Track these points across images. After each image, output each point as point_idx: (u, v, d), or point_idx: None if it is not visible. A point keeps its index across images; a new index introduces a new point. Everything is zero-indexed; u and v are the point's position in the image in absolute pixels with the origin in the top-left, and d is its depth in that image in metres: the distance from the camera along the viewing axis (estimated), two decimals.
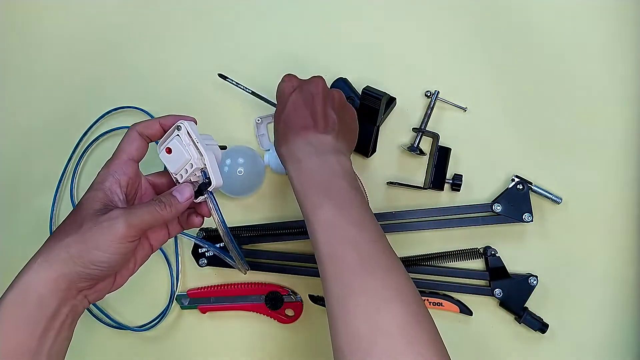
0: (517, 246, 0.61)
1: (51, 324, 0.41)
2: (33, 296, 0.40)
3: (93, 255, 0.41)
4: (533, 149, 0.61)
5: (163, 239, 0.50)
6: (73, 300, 0.43)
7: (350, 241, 0.43)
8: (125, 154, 0.47)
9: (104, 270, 0.42)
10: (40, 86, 0.67)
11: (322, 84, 0.52)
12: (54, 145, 0.66)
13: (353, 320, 0.39)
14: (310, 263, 0.61)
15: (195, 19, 0.65)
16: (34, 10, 0.67)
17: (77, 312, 0.44)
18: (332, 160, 0.48)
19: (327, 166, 0.47)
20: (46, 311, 0.41)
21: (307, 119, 0.50)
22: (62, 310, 0.42)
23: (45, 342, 0.41)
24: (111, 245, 0.42)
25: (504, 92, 0.62)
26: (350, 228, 0.43)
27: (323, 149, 0.48)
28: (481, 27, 0.63)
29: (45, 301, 0.41)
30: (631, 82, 0.61)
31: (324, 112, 0.50)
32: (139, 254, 0.48)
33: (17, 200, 0.66)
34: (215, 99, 0.64)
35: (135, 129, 0.47)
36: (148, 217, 0.43)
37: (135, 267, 0.48)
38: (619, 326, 0.60)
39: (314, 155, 0.48)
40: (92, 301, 0.45)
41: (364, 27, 0.64)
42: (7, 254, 0.66)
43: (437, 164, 0.59)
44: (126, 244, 0.42)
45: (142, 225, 0.43)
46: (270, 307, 0.62)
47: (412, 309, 0.39)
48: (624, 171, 0.61)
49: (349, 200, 0.45)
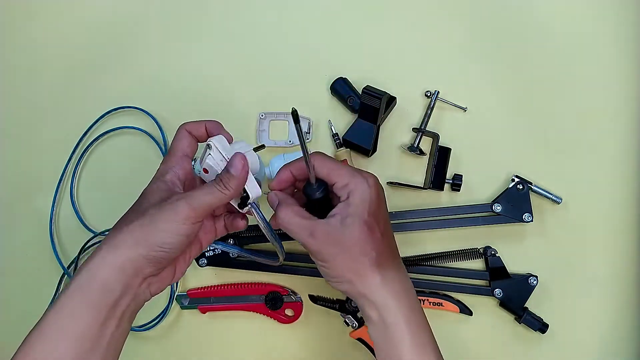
0: (517, 246, 0.61)
1: (112, 313, 0.42)
2: (98, 281, 0.41)
3: (158, 237, 0.42)
4: (533, 149, 0.61)
5: (211, 237, 0.50)
6: (136, 289, 0.43)
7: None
8: (180, 150, 0.48)
9: (168, 253, 0.43)
10: (40, 86, 0.67)
11: (377, 192, 0.47)
12: (54, 145, 0.66)
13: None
14: (310, 263, 0.61)
15: (195, 18, 0.65)
16: (34, 9, 0.67)
17: (138, 303, 0.44)
18: (410, 292, 0.47)
19: (412, 295, 0.47)
20: (109, 298, 0.41)
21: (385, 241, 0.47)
22: (125, 298, 0.42)
23: (106, 331, 0.42)
24: (175, 226, 0.42)
25: (504, 92, 0.62)
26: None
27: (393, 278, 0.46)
28: (481, 27, 0.63)
29: (109, 286, 0.41)
30: (631, 82, 0.61)
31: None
32: (193, 248, 0.49)
33: (17, 200, 0.66)
34: (215, 99, 0.65)
35: (184, 128, 0.48)
36: (209, 198, 0.43)
37: (189, 260, 0.49)
38: (619, 326, 0.60)
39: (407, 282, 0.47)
40: (153, 292, 0.45)
41: (364, 27, 0.64)
42: (7, 254, 0.66)
43: (437, 164, 0.59)
44: (189, 225, 0.43)
45: (203, 206, 0.43)
46: (270, 307, 0.62)
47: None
48: (624, 171, 0.61)
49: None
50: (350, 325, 0.60)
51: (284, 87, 0.64)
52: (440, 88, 0.61)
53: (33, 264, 0.66)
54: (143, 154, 0.65)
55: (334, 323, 0.62)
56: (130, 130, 0.65)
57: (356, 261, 0.44)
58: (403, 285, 0.46)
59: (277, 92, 0.64)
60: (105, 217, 0.65)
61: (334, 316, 0.62)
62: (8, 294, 0.66)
